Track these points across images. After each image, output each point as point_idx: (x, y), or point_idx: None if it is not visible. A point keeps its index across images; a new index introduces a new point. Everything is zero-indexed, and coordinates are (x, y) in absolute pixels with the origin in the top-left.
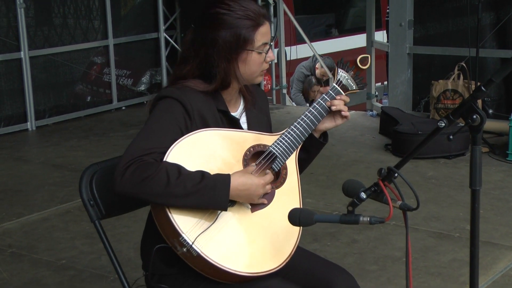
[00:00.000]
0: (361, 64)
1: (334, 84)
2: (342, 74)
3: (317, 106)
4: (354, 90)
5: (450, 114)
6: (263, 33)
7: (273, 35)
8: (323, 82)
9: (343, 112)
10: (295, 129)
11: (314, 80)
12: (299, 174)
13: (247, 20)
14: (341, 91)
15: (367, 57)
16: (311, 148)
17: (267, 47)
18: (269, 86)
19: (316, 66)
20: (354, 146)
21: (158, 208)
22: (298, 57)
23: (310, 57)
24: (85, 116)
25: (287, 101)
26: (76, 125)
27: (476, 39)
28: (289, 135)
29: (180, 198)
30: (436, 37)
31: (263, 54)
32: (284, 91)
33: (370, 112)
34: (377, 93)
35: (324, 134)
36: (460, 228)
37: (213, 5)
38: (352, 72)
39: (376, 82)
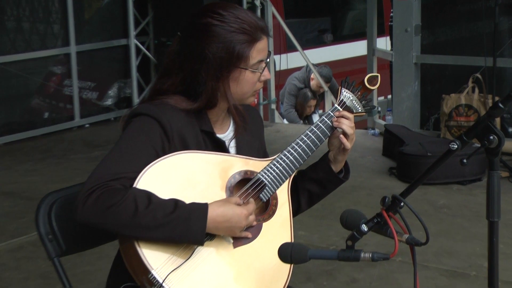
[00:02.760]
0: (369, 84)
1: (336, 105)
2: (346, 94)
3: (315, 129)
4: (359, 113)
5: (464, 135)
6: (259, 50)
7: (270, 50)
8: (320, 95)
9: (346, 129)
10: (288, 155)
11: (310, 94)
12: (307, 208)
13: (242, 34)
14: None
15: (377, 76)
16: (327, 183)
17: (263, 65)
18: (256, 100)
19: (311, 76)
20: (353, 169)
21: (126, 240)
22: (289, 67)
23: (303, 67)
24: (42, 135)
25: (277, 117)
26: (32, 146)
27: (493, 46)
28: (281, 161)
29: (150, 229)
30: (447, 44)
31: (257, 73)
32: (273, 106)
33: (372, 131)
34: (379, 109)
35: (346, 169)
36: (477, 265)
37: (204, 14)
38: (359, 93)
39: (379, 96)
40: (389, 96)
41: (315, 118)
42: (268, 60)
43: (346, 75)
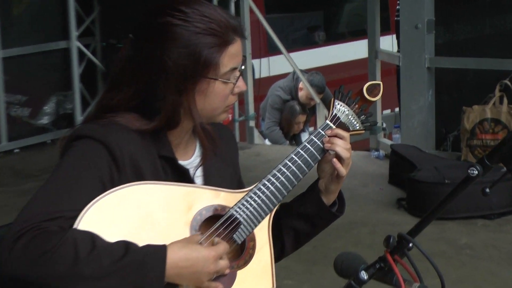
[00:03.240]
0: (369, 95)
1: (328, 122)
2: (340, 108)
3: (302, 152)
4: (357, 131)
5: (486, 157)
6: (232, 55)
7: (245, 54)
8: (310, 109)
9: (340, 151)
10: (269, 185)
11: (298, 108)
12: (293, 251)
13: (210, 36)
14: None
15: (378, 84)
16: (318, 220)
17: (237, 73)
18: (230, 117)
19: (299, 86)
20: (352, 201)
21: None
22: (271, 74)
23: (289, 74)
24: None
25: (256, 137)
26: None
27: None
28: (260, 193)
29: (94, 281)
30: (468, 43)
31: (230, 84)
32: (252, 123)
33: (376, 153)
34: (384, 125)
35: (340, 200)
36: None
37: (163, 11)
38: (357, 106)
39: (384, 109)
40: (397, 109)
41: (305, 137)
42: (243, 67)
43: (342, 83)
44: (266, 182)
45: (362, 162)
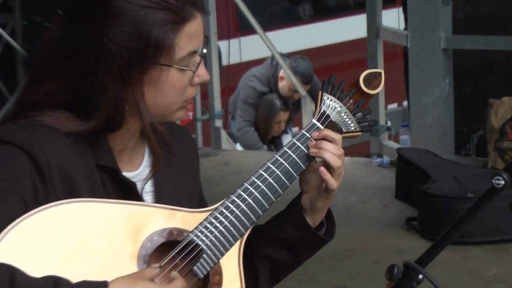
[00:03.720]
0: (367, 87)
1: (314, 121)
2: (330, 104)
3: (281, 160)
4: (351, 132)
5: None
6: (190, 35)
7: (208, 34)
8: (294, 104)
9: (329, 158)
10: (239, 202)
11: (278, 102)
12: (271, 286)
13: (162, 11)
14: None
15: (379, 74)
16: (301, 246)
17: (198, 58)
18: (191, 115)
19: (280, 74)
20: (349, 222)
21: None
22: (243, 60)
23: (266, 59)
24: None
25: (224, 141)
26: None
27: None
28: (228, 213)
29: None
30: (495, 18)
31: (189, 73)
32: (218, 123)
33: (378, 160)
34: (389, 124)
35: (329, 221)
36: None
37: None
38: (351, 101)
39: (388, 103)
40: (405, 103)
41: (287, 140)
42: (205, 50)
43: (334, 71)
44: (236, 199)
45: (361, 171)
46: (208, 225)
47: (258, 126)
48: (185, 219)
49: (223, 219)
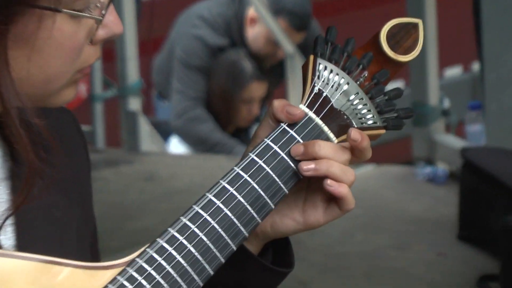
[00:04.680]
0: (393, 48)
1: (302, 107)
2: (330, 78)
3: (243, 175)
4: (369, 129)
5: None
6: None
7: None
8: (273, 69)
9: (328, 185)
10: (173, 252)
11: (248, 66)
12: None
13: None
14: (323, 128)
15: (413, 26)
16: (248, 283)
17: None
18: (83, 90)
19: (250, 14)
20: (377, 283)
21: None
22: None
23: None
24: None
25: (145, 137)
26: None
27: None
28: (153, 271)
29: None
30: None
31: (86, 23)
32: (135, 104)
33: (427, 170)
34: (447, 104)
35: (285, 248)
36: None
37: None
38: (367, 73)
39: (445, 65)
40: (476, 67)
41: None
42: None
43: (344, 15)
44: (166, 246)
45: (396, 191)
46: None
47: (213, 109)
48: (75, 281)
49: (145, 283)
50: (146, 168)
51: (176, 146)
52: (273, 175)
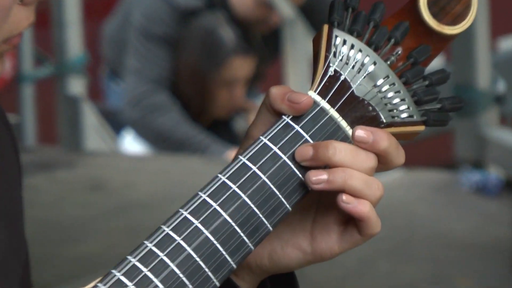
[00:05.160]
0: (436, 15)
1: (311, 94)
2: (350, 55)
3: (231, 185)
4: (403, 125)
5: None
6: None
7: None
8: (267, 40)
9: (343, 203)
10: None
11: (229, 35)
12: None
13: None
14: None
15: None
16: None
17: None
18: (8, 67)
19: None
20: None
21: None
22: None
23: None
24: None
25: (90, 129)
26: None
27: None
28: None
29: None
30: None
31: None
32: (77, 86)
33: (476, 176)
34: (503, 87)
35: (289, 286)
36: None
37: None
38: (400, 50)
39: (499, 34)
40: None
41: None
42: None
43: None
44: (126, 281)
45: (432, 206)
46: None
47: (180, 94)
48: None
49: None
50: (91, 174)
51: (132, 143)
52: (271, 186)
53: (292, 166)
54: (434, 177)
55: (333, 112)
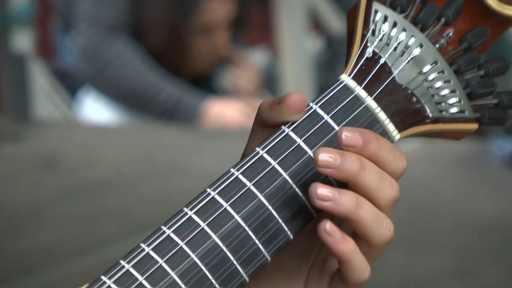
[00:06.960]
0: None
1: (345, 77)
2: (393, 35)
3: (221, 203)
4: (453, 122)
5: None
6: None
7: None
8: None
9: (324, 232)
10: None
11: None
12: None
13: None
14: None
15: None
16: None
17: None
18: None
19: None
20: None
21: None
22: None
23: None
24: None
25: (40, 93)
26: None
27: None
28: None
29: None
30: None
31: None
32: (21, 42)
33: (507, 148)
34: None
35: None
36: None
37: None
38: (451, 32)
39: None
40: None
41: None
42: None
43: None
44: None
45: (457, 184)
46: None
47: (150, 47)
48: None
49: None
50: (43, 149)
51: (92, 109)
52: (270, 208)
53: (293, 184)
54: (459, 147)
55: (370, 101)
